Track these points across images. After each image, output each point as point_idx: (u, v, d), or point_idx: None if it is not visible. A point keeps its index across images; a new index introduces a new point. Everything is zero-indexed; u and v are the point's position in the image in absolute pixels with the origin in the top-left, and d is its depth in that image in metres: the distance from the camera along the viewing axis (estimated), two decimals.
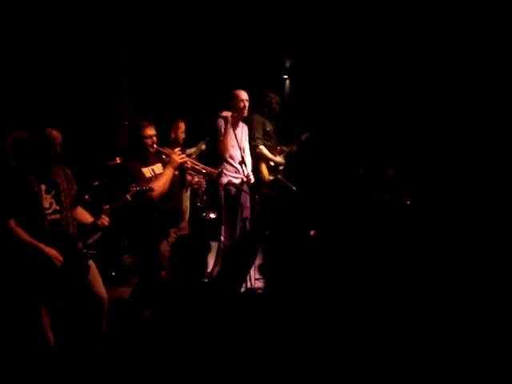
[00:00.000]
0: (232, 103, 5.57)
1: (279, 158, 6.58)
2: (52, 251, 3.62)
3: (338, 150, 7.57)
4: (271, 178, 6.46)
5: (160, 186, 4.23)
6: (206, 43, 7.66)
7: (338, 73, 7.83)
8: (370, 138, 7.38)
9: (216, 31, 7.58)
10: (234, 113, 5.48)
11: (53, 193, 3.71)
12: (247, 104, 5.57)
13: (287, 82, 8.46)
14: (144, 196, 4.11)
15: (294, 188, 6.37)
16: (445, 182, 5.75)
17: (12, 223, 3.58)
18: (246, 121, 5.88)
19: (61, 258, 3.64)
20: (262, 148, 6.29)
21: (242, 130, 5.73)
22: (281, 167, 6.64)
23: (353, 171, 6.47)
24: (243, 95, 5.57)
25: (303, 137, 6.75)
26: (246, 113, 5.62)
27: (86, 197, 5.59)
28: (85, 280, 3.84)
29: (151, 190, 4.12)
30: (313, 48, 7.88)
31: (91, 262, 3.97)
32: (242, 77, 7.29)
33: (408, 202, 5.20)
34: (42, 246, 3.60)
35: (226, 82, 6.47)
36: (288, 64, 8.36)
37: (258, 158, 6.28)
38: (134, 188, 4.06)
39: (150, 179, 4.32)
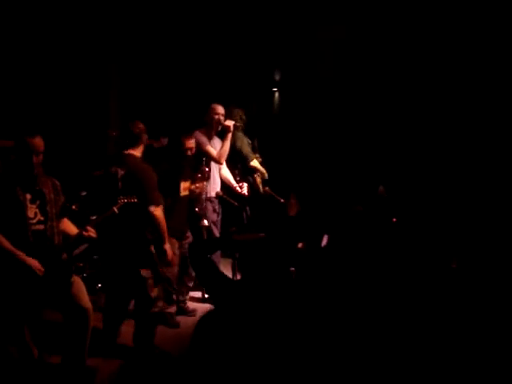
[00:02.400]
0: (208, 117, 5.67)
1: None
2: (33, 261, 3.57)
3: (327, 162, 7.59)
4: (267, 189, 6.51)
5: None
6: (196, 55, 7.68)
7: (327, 85, 7.87)
8: (360, 150, 7.41)
9: (206, 43, 7.61)
10: (210, 126, 5.65)
11: (38, 203, 3.68)
12: (222, 118, 5.62)
13: (276, 94, 8.49)
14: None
15: (282, 200, 6.38)
16: (435, 198, 5.78)
17: None
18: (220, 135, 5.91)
19: (42, 268, 3.59)
20: (255, 162, 6.34)
21: (217, 144, 5.75)
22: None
23: (341, 186, 6.49)
24: (219, 109, 5.64)
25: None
26: (219, 127, 5.66)
27: (73, 207, 5.56)
28: (69, 291, 3.78)
29: (137, 203, 4.12)
30: (302, 60, 7.92)
31: (75, 273, 3.95)
32: (231, 89, 7.32)
33: (394, 220, 5.21)
34: (22, 255, 3.55)
35: (214, 95, 6.49)
36: (277, 77, 8.39)
37: (251, 171, 6.33)
38: (122, 200, 4.04)
39: None
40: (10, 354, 3.81)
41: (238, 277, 5.27)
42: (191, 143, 5.16)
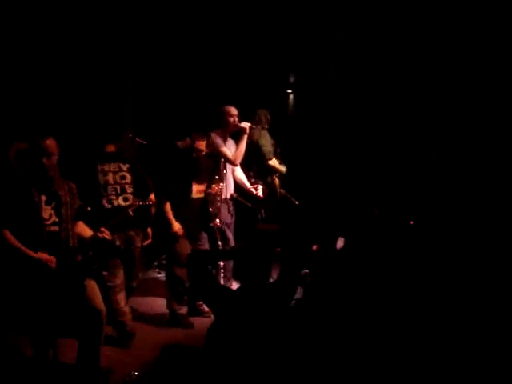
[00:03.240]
0: (223, 119, 5.63)
1: (284, 168, 6.66)
2: (42, 254, 3.61)
3: (342, 164, 7.56)
4: (282, 191, 6.52)
5: None
6: (211, 58, 7.69)
7: (341, 87, 7.84)
8: (376, 152, 7.37)
9: (220, 46, 7.61)
10: (224, 128, 5.61)
11: (53, 204, 3.71)
12: (237, 119, 5.62)
13: (291, 96, 8.48)
14: None
15: (297, 202, 6.38)
16: (451, 200, 5.72)
17: (6, 233, 3.59)
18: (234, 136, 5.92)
19: (53, 259, 3.62)
20: (274, 161, 6.35)
21: (231, 146, 5.76)
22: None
23: (355, 188, 6.46)
24: (234, 111, 5.63)
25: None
26: (234, 128, 5.65)
27: (88, 208, 5.58)
28: (83, 293, 3.79)
29: (153, 205, 4.15)
30: (316, 63, 7.90)
31: (90, 275, 3.96)
32: (246, 92, 7.32)
33: (411, 222, 5.17)
34: (31, 252, 3.59)
35: (229, 98, 6.50)
36: (292, 79, 8.38)
37: (270, 172, 6.35)
38: (136, 202, 4.06)
39: None
40: (24, 354, 3.84)
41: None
42: (201, 144, 5.15)
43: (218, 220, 5.30)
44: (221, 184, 5.33)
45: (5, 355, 4.03)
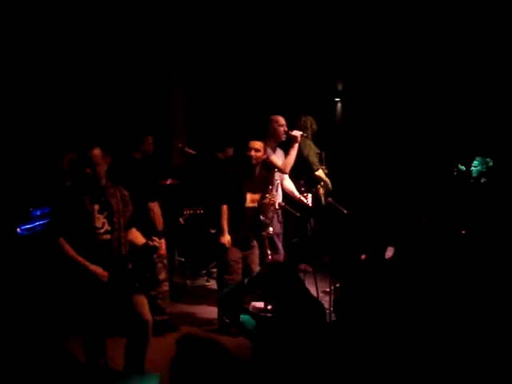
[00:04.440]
0: (272, 128, 5.62)
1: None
2: (97, 268, 3.67)
3: (390, 172, 7.47)
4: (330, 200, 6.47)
5: None
6: (261, 66, 7.73)
7: (390, 96, 7.77)
8: (424, 160, 7.26)
9: (270, 54, 7.65)
10: (274, 138, 5.61)
11: (106, 213, 3.77)
12: (286, 129, 5.61)
13: (339, 104, 8.44)
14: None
15: (345, 211, 6.32)
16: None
17: (61, 241, 3.68)
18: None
19: (105, 273, 3.68)
20: (320, 172, 6.32)
21: (279, 155, 5.75)
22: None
23: (405, 197, 6.36)
24: (282, 120, 5.62)
25: None
26: (284, 138, 5.64)
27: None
28: (131, 301, 3.84)
29: (202, 213, 4.19)
30: (364, 71, 7.85)
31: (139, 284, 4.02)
32: (294, 100, 7.33)
33: (463, 232, 5.05)
34: (86, 263, 3.66)
35: (278, 105, 6.52)
36: (340, 87, 8.35)
37: (315, 182, 6.32)
38: (188, 211, 4.11)
39: None
40: (76, 359, 3.92)
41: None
42: (258, 144, 5.15)
43: (270, 229, 5.30)
44: (274, 193, 5.33)
45: (59, 360, 4.12)
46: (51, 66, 6.42)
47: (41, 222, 5.21)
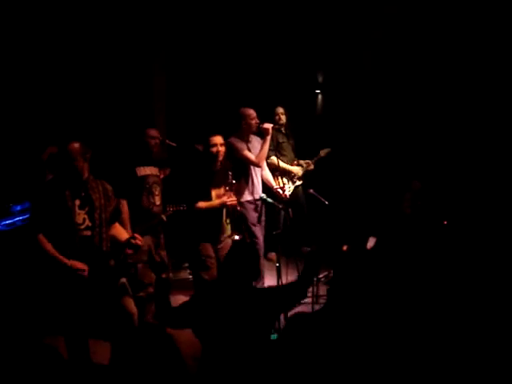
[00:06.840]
0: (242, 122, 5.66)
1: (296, 168, 6.61)
2: (75, 263, 3.63)
3: (369, 164, 7.52)
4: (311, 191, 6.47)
5: None
6: (239, 58, 7.71)
7: (370, 87, 7.80)
8: (404, 151, 7.32)
9: (248, 46, 7.63)
10: (246, 132, 5.67)
11: (87, 209, 3.74)
12: (257, 121, 5.64)
13: (319, 96, 8.45)
14: None
15: (327, 202, 6.34)
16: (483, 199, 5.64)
17: (41, 237, 3.64)
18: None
19: (85, 268, 3.64)
20: (273, 158, 6.29)
21: (256, 143, 5.77)
22: (296, 178, 6.71)
23: (385, 187, 6.40)
24: (253, 113, 5.66)
25: (322, 153, 6.78)
26: (256, 130, 5.69)
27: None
28: (115, 296, 3.82)
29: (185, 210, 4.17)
30: (345, 62, 7.87)
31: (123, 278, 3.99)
32: (274, 92, 7.33)
33: (445, 222, 5.09)
34: (64, 259, 3.62)
35: (258, 97, 6.52)
36: (320, 79, 8.36)
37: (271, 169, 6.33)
38: (170, 208, 4.08)
39: None
40: (60, 355, 3.90)
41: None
42: (220, 139, 5.05)
43: (236, 236, 5.27)
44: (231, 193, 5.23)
45: (42, 356, 4.10)
46: (29, 58, 6.34)
47: (21, 218, 5.16)
